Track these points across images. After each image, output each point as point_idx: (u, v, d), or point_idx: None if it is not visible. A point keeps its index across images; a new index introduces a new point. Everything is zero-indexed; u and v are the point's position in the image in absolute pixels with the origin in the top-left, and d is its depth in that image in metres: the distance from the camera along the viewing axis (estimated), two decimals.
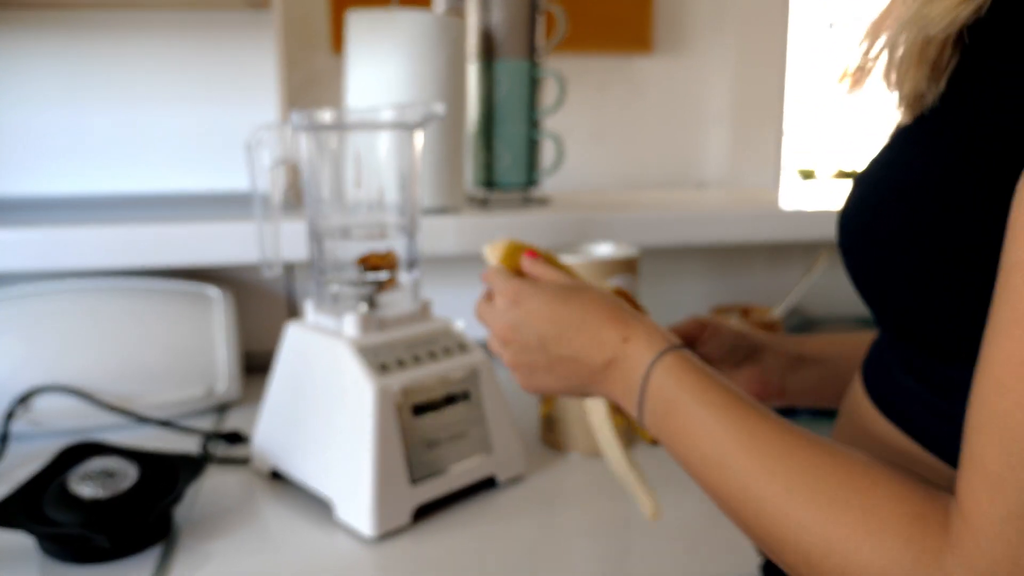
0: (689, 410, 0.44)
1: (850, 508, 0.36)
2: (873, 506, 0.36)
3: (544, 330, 0.53)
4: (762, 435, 0.41)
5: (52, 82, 1.00)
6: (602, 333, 0.51)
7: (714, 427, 0.43)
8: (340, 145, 0.73)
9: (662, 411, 0.46)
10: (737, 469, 0.41)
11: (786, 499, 0.38)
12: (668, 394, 0.46)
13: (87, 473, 0.64)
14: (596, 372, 0.51)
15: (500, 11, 1.06)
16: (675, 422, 0.45)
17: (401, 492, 0.66)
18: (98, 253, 0.91)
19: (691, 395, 0.45)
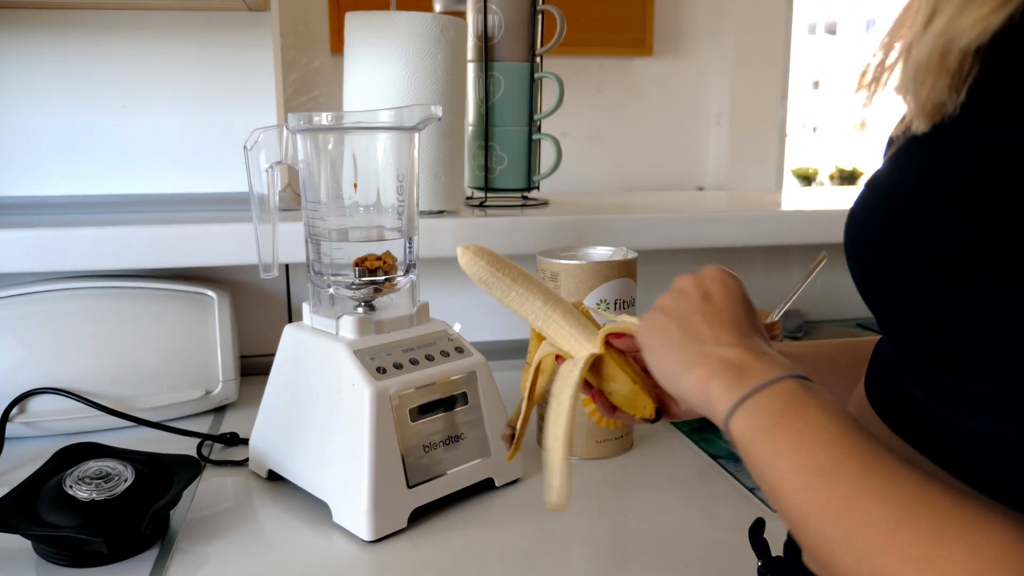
0: (816, 418, 0.42)
1: (957, 545, 0.34)
2: (981, 546, 0.34)
3: (717, 296, 0.53)
4: (885, 460, 0.39)
5: (49, 82, 1.00)
6: (752, 335, 0.51)
7: (839, 436, 0.41)
8: (338, 147, 0.73)
9: (779, 408, 0.44)
10: (848, 484, 0.39)
11: (894, 527, 0.36)
12: (796, 399, 0.44)
13: (83, 475, 0.64)
14: (711, 352, 0.49)
15: (499, 12, 1.05)
16: (791, 422, 0.43)
17: (398, 495, 0.66)
18: (95, 254, 0.91)
19: (821, 408, 0.43)
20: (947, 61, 0.37)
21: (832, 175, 4.70)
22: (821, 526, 0.39)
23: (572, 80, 1.14)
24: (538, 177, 1.13)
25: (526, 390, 0.63)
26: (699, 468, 0.79)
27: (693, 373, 0.49)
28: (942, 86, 0.38)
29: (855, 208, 0.45)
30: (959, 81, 0.37)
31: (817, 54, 9.56)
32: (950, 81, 0.38)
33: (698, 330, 0.51)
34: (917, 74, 0.39)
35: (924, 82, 0.39)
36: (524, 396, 0.63)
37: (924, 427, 0.42)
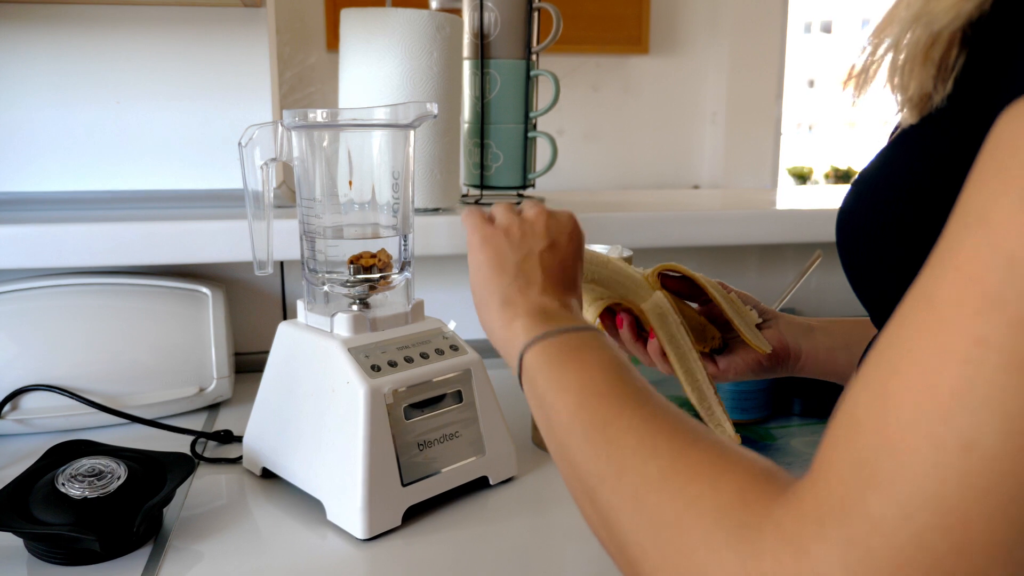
0: (601, 357, 0.46)
1: (691, 471, 0.36)
2: (723, 482, 0.34)
3: (560, 248, 0.56)
4: (656, 396, 0.42)
5: (43, 78, 1.00)
6: (573, 297, 0.55)
7: (614, 373, 0.44)
8: (333, 144, 0.72)
9: (570, 348, 0.47)
10: (611, 407, 0.42)
11: (647, 453, 0.38)
12: (589, 342, 0.47)
13: (76, 473, 0.63)
14: (532, 297, 0.53)
15: (495, 10, 1.05)
16: (577, 356, 0.46)
17: (392, 494, 0.66)
18: (89, 251, 0.91)
19: (610, 353, 0.46)
20: (932, 52, 0.38)
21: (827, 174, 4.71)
22: (583, 445, 0.42)
23: (568, 78, 1.14)
24: (533, 175, 1.13)
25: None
26: None
27: (507, 309, 0.53)
28: (928, 77, 0.38)
29: (846, 201, 0.46)
30: (945, 72, 0.38)
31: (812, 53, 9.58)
32: (936, 72, 0.38)
33: (532, 274, 0.55)
34: (904, 66, 0.39)
35: (911, 74, 0.39)
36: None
37: None
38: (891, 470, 0.27)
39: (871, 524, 0.27)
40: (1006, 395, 0.26)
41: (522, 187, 1.13)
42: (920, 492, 0.26)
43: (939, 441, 0.26)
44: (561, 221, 0.59)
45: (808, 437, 0.86)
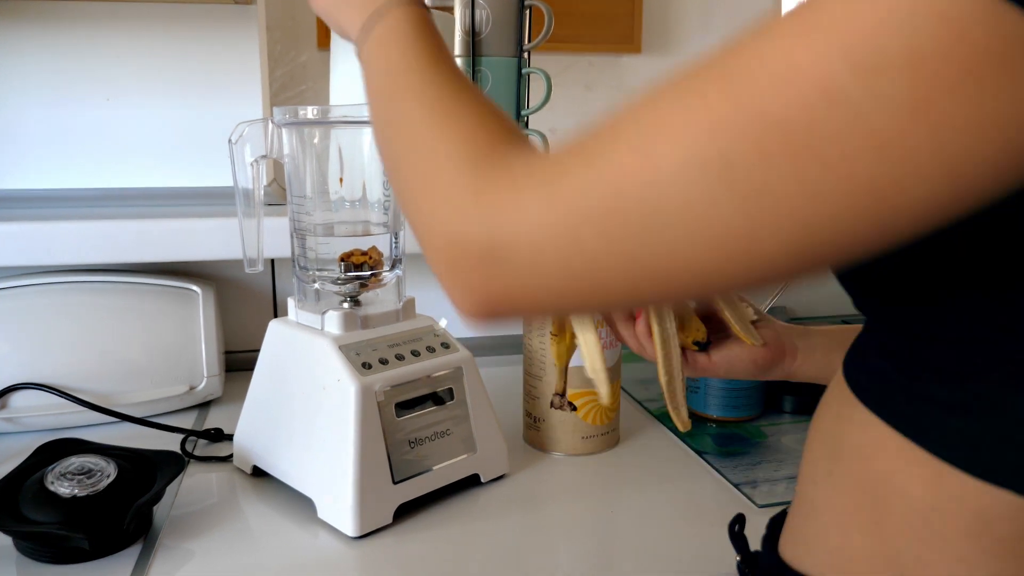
0: (423, 39, 0.49)
1: (450, 120, 0.41)
2: (466, 124, 0.41)
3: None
4: (456, 74, 0.46)
5: (33, 75, 0.99)
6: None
7: (425, 53, 0.47)
8: (323, 141, 0.72)
9: (386, 34, 0.51)
10: (416, 73, 0.46)
11: (423, 109, 0.43)
12: (403, 26, 0.50)
13: (65, 471, 0.63)
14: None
15: (486, 7, 1.05)
16: (394, 44, 0.50)
17: (383, 491, 0.66)
18: (79, 249, 0.91)
19: (425, 34, 0.49)
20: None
21: None
22: (382, 112, 0.48)
23: (560, 77, 1.14)
24: None
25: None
26: (684, 464, 0.80)
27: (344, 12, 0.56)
28: None
29: None
30: None
31: None
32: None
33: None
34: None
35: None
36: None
37: (890, 397, 0.43)
38: (600, 153, 0.33)
39: (568, 186, 0.34)
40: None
41: None
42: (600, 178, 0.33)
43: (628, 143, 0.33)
44: None
45: (800, 435, 0.86)
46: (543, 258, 0.34)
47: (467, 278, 0.38)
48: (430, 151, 0.41)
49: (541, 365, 0.80)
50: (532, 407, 0.82)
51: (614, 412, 0.82)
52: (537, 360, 0.80)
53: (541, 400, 0.81)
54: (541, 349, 0.80)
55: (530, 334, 0.81)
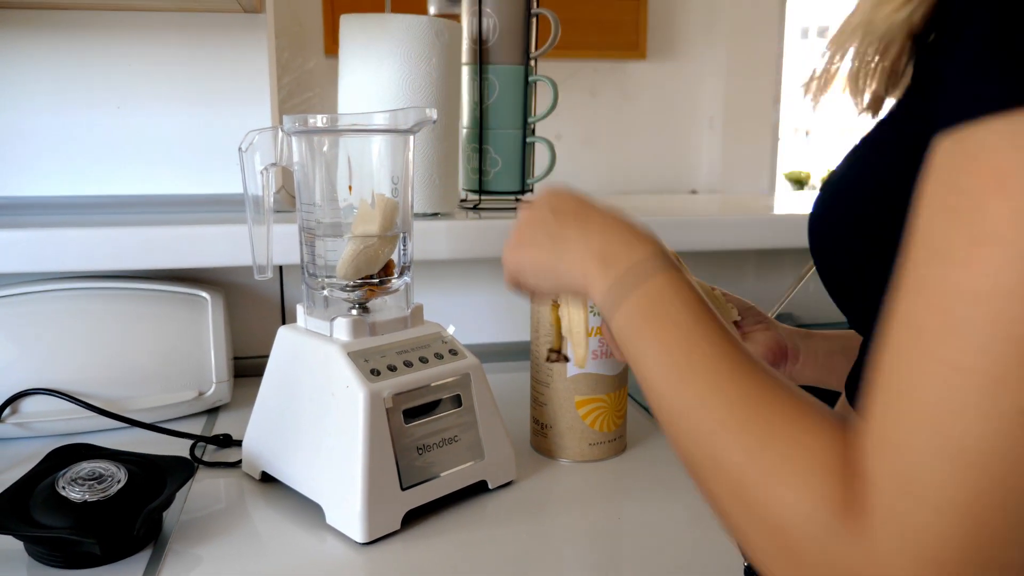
0: (680, 314, 0.45)
1: (787, 443, 0.37)
2: (807, 447, 0.36)
3: (561, 204, 0.56)
4: (734, 354, 0.42)
5: (44, 83, 1.00)
6: (624, 229, 0.52)
7: (698, 336, 0.44)
8: (332, 149, 0.73)
9: (647, 306, 0.47)
10: (696, 383, 0.42)
11: (734, 424, 0.39)
12: (667, 295, 0.46)
13: (76, 476, 0.64)
14: (588, 248, 0.52)
15: (493, 16, 1.06)
16: (659, 319, 0.46)
17: (392, 498, 0.66)
18: (89, 255, 0.91)
19: (686, 305, 0.46)
20: (883, 59, 0.40)
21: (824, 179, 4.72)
22: (674, 415, 0.43)
23: (566, 83, 1.14)
24: (532, 180, 1.14)
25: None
26: None
27: (575, 273, 0.52)
28: (880, 83, 0.41)
29: (814, 209, 0.47)
30: (895, 78, 0.40)
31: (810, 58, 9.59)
32: (887, 78, 0.41)
33: (564, 234, 0.54)
34: (859, 72, 0.42)
35: (865, 79, 0.42)
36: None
37: None
38: (924, 481, 0.31)
39: (918, 530, 0.31)
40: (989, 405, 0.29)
41: (520, 192, 1.13)
42: (951, 495, 0.30)
43: (946, 452, 0.30)
44: (540, 196, 0.59)
45: None
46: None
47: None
48: (761, 476, 0.37)
49: (548, 372, 0.80)
50: (539, 414, 0.82)
51: (621, 419, 0.82)
52: (544, 367, 0.81)
53: (548, 407, 0.81)
54: None
55: (537, 341, 0.81)
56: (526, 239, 0.57)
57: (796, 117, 8.73)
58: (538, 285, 0.58)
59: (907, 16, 0.38)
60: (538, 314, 0.81)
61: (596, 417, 0.80)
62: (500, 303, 1.13)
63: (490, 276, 1.13)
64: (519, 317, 1.13)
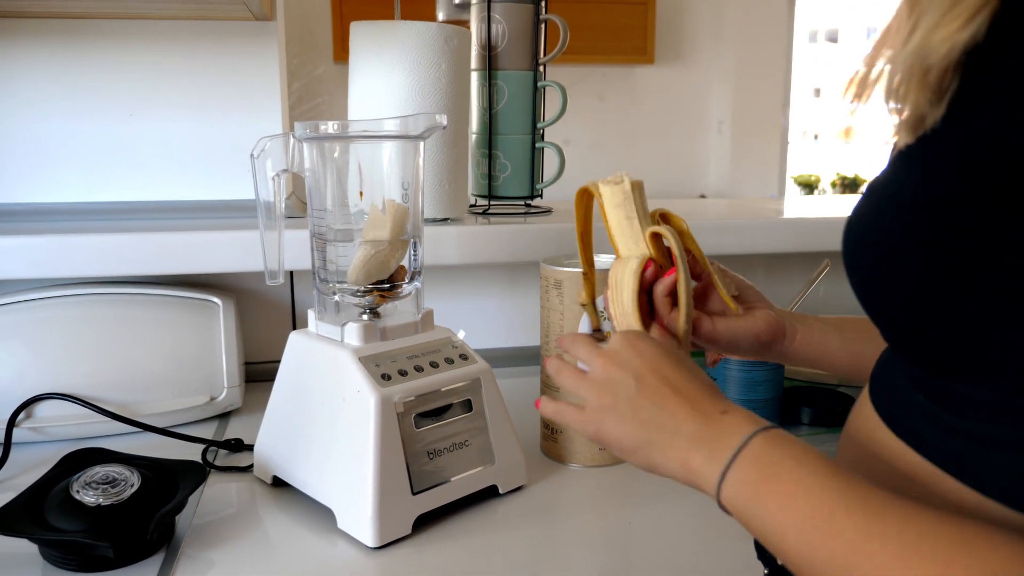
0: (793, 474, 0.43)
1: (963, 568, 0.35)
2: (984, 566, 0.34)
3: (646, 371, 0.52)
4: (872, 497, 0.40)
5: (58, 90, 1.01)
6: (703, 399, 0.50)
7: (821, 489, 0.41)
8: (343, 155, 0.73)
9: (756, 476, 0.45)
10: (845, 530, 0.39)
11: (898, 562, 0.37)
12: (770, 459, 0.44)
13: (90, 480, 0.64)
14: (678, 433, 0.49)
15: (502, 22, 1.06)
16: (774, 486, 0.43)
17: (403, 502, 0.67)
18: (102, 261, 0.92)
19: (795, 461, 0.43)
20: (927, 77, 0.39)
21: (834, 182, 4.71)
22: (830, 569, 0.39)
23: (574, 88, 1.14)
24: (541, 185, 1.14)
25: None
26: None
27: (672, 459, 0.49)
28: (923, 100, 0.40)
29: (852, 217, 0.46)
30: (939, 95, 0.39)
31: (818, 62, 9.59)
32: (930, 96, 0.39)
33: (652, 417, 0.50)
34: (899, 88, 0.41)
35: (906, 96, 0.40)
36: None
37: (926, 430, 0.43)
38: None
39: None
40: None
41: (530, 197, 1.14)
42: None
43: None
44: (623, 351, 0.54)
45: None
46: None
47: None
48: None
49: None
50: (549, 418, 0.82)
51: None
52: None
53: None
54: None
55: (548, 345, 0.81)
56: (609, 405, 0.53)
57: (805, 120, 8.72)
58: (625, 458, 0.54)
59: (971, 35, 0.37)
60: (547, 321, 0.81)
61: None
62: (510, 308, 1.14)
63: (500, 281, 1.13)
64: (529, 322, 1.13)
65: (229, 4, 0.93)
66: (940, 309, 0.39)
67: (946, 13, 0.37)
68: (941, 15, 0.38)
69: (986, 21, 0.37)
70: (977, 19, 0.37)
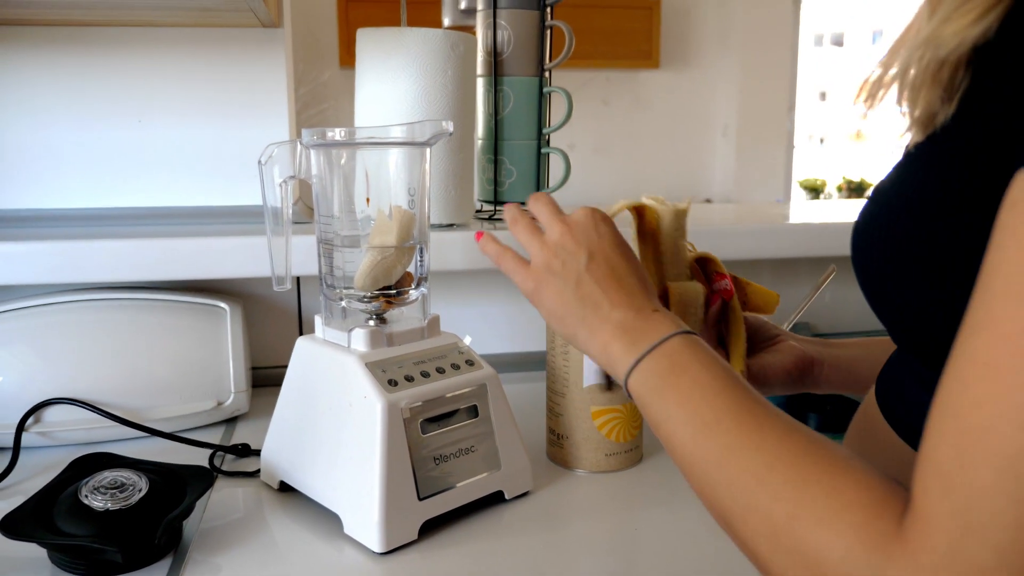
0: (697, 376, 0.47)
1: (820, 487, 0.38)
2: (840, 488, 0.37)
3: (599, 253, 0.56)
4: (757, 411, 0.43)
5: (66, 97, 1.02)
6: (639, 294, 0.54)
7: (716, 394, 0.45)
8: (350, 162, 0.74)
9: (665, 369, 0.49)
10: (726, 434, 0.43)
11: (765, 472, 0.40)
12: (680, 358, 0.48)
13: (99, 485, 0.64)
14: (608, 318, 0.53)
15: (508, 28, 1.07)
16: (677, 380, 0.47)
17: (409, 508, 0.67)
18: (109, 266, 0.92)
19: (702, 365, 0.47)
20: (940, 74, 0.40)
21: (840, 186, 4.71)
22: (705, 472, 0.44)
23: (579, 92, 1.15)
24: (547, 190, 1.14)
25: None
26: None
27: (596, 338, 0.54)
28: (935, 97, 0.40)
29: (860, 218, 0.47)
30: (951, 93, 0.40)
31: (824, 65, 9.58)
32: (942, 92, 0.40)
33: (592, 294, 0.55)
34: (912, 86, 0.42)
35: (919, 94, 0.41)
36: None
37: None
38: (984, 520, 0.31)
39: (974, 570, 0.31)
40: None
41: None
42: (1012, 537, 0.31)
43: (1014, 495, 0.31)
44: (584, 225, 0.58)
45: None
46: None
47: None
48: (797, 518, 0.38)
49: (564, 382, 0.81)
50: (555, 424, 0.82)
51: (637, 429, 0.82)
52: (560, 377, 0.81)
53: (564, 417, 0.81)
54: (564, 367, 0.80)
55: (554, 351, 0.82)
56: (556, 270, 0.57)
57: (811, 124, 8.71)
58: (550, 321, 0.58)
59: (982, 31, 0.37)
60: None
61: (613, 427, 0.80)
62: (516, 313, 1.14)
63: (506, 286, 1.13)
64: (535, 327, 1.13)
65: (236, 11, 0.93)
66: (945, 307, 0.39)
67: (960, 7, 0.38)
68: (955, 8, 0.38)
69: (998, 19, 0.37)
70: (989, 15, 0.37)
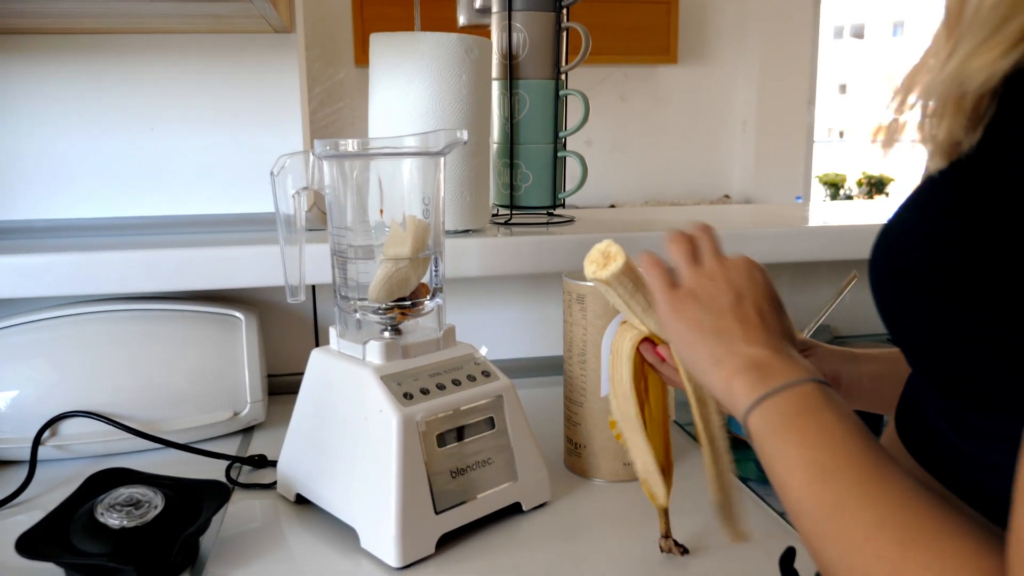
0: (825, 422, 0.45)
1: (926, 553, 0.36)
2: (945, 555, 0.35)
3: (749, 296, 0.54)
4: (881, 466, 0.41)
5: (79, 106, 1.02)
6: (780, 340, 0.52)
7: (843, 441, 0.43)
8: (363, 173, 0.73)
9: (793, 411, 0.46)
10: (844, 484, 0.41)
11: (876, 528, 0.38)
12: (811, 403, 0.46)
13: (114, 502, 0.64)
14: (740, 352, 0.51)
15: (523, 31, 1.05)
16: (804, 423, 0.45)
17: (426, 522, 0.66)
18: (124, 277, 0.92)
19: (833, 413, 0.45)
20: (963, 103, 0.39)
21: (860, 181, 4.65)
22: (815, 520, 0.42)
23: (596, 89, 1.14)
24: (563, 194, 1.13)
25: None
26: None
27: (721, 368, 0.51)
28: (958, 126, 0.39)
29: (878, 243, 0.46)
30: (975, 121, 0.38)
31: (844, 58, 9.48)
32: (966, 122, 0.39)
33: (730, 328, 0.53)
34: (934, 116, 0.40)
35: (940, 123, 0.40)
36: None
37: (950, 462, 0.42)
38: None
39: None
40: None
41: (552, 206, 1.13)
42: None
43: None
44: (739, 268, 0.57)
45: None
46: None
47: None
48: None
49: (582, 391, 0.79)
50: (573, 433, 0.81)
51: None
52: (578, 386, 0.80)
53: (582, 426, 0.80)
54: (582, 376, 0.79)
55: (571, 359, 0.81)
56: (701, 298, 0.55)
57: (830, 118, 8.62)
58: (677, 345, 0.56)
59: (1011, 65, 0.36)
60: (570, 336, 0.80)
61: None
62: (533, 319, 1.13)
63: (522, 291, 1.12)
64: (552, 332, 1.12)
65: (248, 17, 0.93)
66: (964, 339, 0.38)
67: (986, 40, 0.36)
68: (980, 42, 0.37)
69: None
70: (1020, 48, 0.36)
